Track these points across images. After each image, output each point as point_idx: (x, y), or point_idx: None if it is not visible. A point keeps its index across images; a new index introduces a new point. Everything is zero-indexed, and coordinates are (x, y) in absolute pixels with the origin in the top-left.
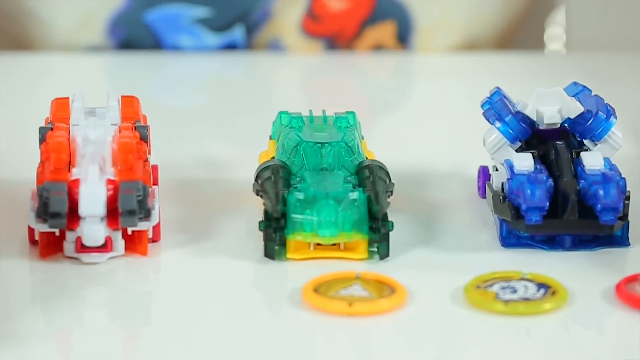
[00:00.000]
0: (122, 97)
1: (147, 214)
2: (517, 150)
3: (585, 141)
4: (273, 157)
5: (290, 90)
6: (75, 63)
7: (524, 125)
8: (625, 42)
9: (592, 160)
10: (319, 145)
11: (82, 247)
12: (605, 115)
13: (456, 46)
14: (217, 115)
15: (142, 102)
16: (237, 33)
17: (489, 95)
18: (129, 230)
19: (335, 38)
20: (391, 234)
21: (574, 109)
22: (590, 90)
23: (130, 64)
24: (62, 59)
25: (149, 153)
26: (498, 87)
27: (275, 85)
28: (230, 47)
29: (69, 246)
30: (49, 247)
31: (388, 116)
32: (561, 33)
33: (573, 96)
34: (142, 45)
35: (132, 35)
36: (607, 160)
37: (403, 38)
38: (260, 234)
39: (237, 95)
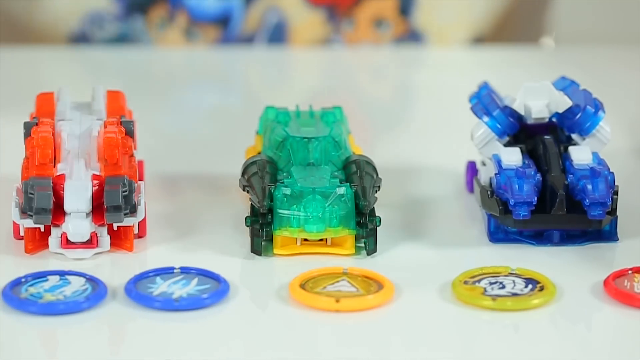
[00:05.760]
0: (108, 91)
1: (132, 210)
2: (505, 145)
3: (574, 135)
4: (260, 152)
5: (278, 85)
6: (60, 56)
7: (512, 119)
8: (615, 35)
9: (581, 154)
10: (306, 140)
11: (67, 243)
12: (593, 110)
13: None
14: (203, 109)
15: (127, 96)
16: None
17: (476, 90)
18: (115, 226)
19: (335, 5)
20: (378, 229)
21: (562, 103)
22: (579, 85)
23: (117, 57)
24: (46, 52)
25: (135, 148)
26: (486, 82)
27: (263, 79)
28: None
29: (54, 242)
30: (34, 242)
31: (375, 111)
32: (551, 26)
33: (561, 90)
34: (149, 2)
35: None
36: (595, 154)
37: (405, 11)
38: (247, 230)
39: (224, 90)
